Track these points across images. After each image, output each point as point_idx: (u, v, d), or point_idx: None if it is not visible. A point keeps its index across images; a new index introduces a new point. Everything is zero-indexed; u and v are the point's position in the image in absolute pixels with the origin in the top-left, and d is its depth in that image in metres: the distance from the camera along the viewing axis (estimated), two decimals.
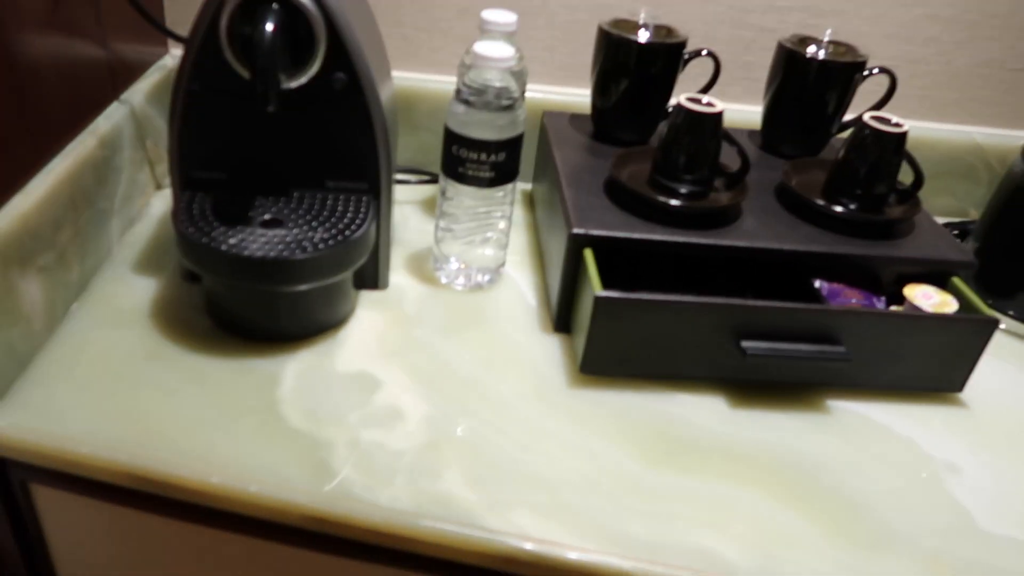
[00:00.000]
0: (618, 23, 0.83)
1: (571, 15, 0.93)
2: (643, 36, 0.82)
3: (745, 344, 0.65)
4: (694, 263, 0.72)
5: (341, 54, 0.64)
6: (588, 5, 0.93)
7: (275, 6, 0.61)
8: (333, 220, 0.67)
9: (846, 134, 0.82)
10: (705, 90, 0.87)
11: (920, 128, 1.02)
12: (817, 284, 0.72)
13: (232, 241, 0.63)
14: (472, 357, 0.70)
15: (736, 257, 0.71)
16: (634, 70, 0.83)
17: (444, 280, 0.79)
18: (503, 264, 0.81)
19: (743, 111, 0.98)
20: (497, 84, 0.70)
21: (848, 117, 0.88)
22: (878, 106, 0.87)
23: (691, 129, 0.72)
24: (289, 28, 0.62)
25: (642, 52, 0.82)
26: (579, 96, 0.95)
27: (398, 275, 0.80)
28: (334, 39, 0.63)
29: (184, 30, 0.86)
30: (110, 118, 0.77)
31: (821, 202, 0.74)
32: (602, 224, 0.70)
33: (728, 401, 0.68)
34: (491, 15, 0.79)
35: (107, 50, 0.77)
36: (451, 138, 0.71)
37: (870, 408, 0.69)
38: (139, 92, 0.83)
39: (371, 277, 0.76)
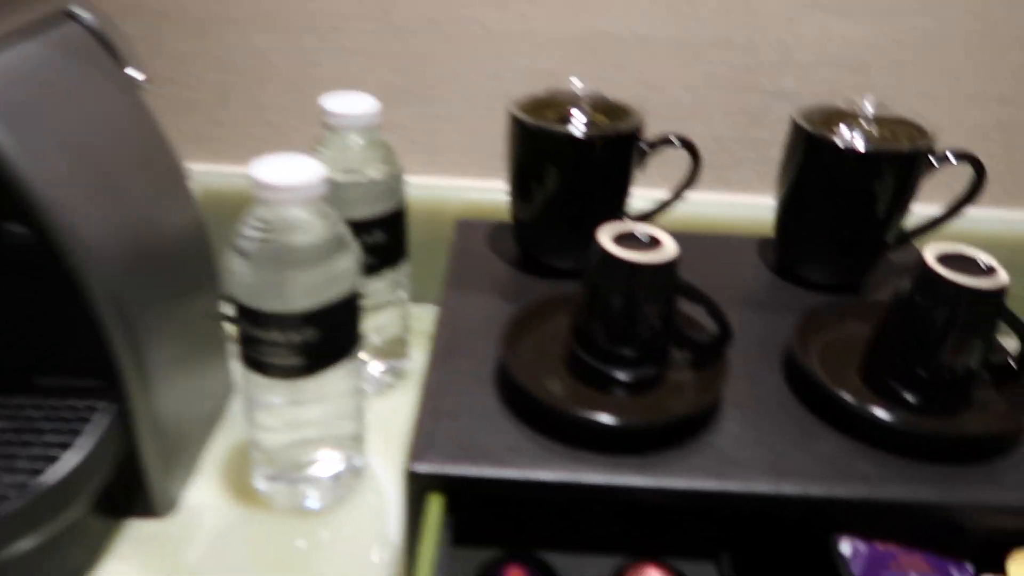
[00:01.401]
0: (539, 105, 0.56)
1: (495, 86, 0.66)
2: (578, 124, 0.54)
3: None
4: (639, 506, 0.43)
5: (13, 197, 0.39)
6: (518, 72, 0.66)
7: None
8: (29, 446, 0.42)
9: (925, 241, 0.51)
10: (678, 194, 0.58)
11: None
12: (845, 548, 0.41)
13: None
14: None
15: (702, 507, 0.42)
16: (565, 173, 0.55)
17: (265, 495, 0.53)
18: (356, 467, 0.54)
19: (754, 205, 0.69)
20: (297, 224, 0.43)
21: (913, 223, 0.57)
22: (957, 208, 0.56)
23: (620, 286, 0.43)
24: None
25: (576, 148, 0.54)
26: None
27: (204, 483, 0.54)
28: None
29: None
30: None
31: (855, 400, 0.44)
32: (468, 449, 0.42)
33: None
34: (336, 104, 0.53)
35: None
36: (238, 310, 0.45)
37: None
38: None
39: (141, 501, 0.50)
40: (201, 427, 0.56)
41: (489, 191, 0.69)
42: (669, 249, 0.43)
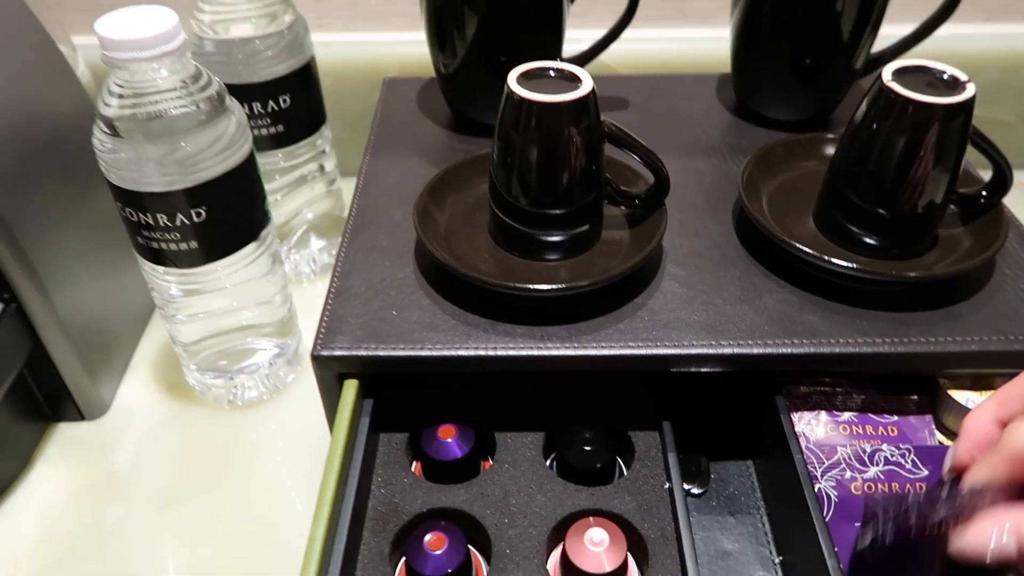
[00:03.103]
0: None
1: None
2: None
3: None
4: (570, 378, 0.40)
5: None
6: None
7: None
8: None
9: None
10: (616, 32, 0.51)
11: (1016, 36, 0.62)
12: (797, 420, 0.38)
13: None
14: (199, 558, 0.42)
15: (634, 375, 0.39)
16: (482, 14, 0.48)
17: (199, 390, 0.50)
18: (289, 353, 0.51)
19: (717, 39, 0.62)
20: (161, 86, 0.38)
21: (879, 44, 0.51)
22: (933, 24, 0.49)
23: (530, 131, 0.38)
24: None
25: None
26: None
27: (137, 382, 0.51)
28: None
29: None
30: None
31: (805, 247, 0.39)
32: (378, 330, 0.38)
33: None
34: None
35: None
36: (115, 193, 0.41)
37: None
38: None
39: (67, 404, 0.48)
40: (129, 323, 0.53)
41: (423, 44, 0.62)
42: (585, 86, 0.37)
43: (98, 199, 0.48)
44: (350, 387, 0.38)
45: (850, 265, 0.38)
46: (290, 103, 0.50)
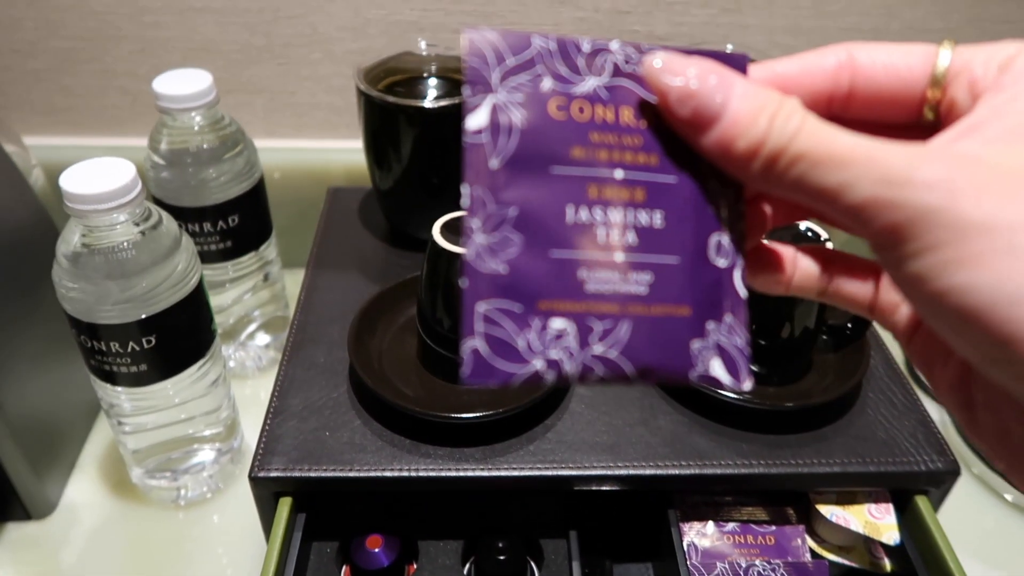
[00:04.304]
0: (386, 71, 0.53)
1: (357, 39, 0.63)
2: (430, 93, 0.51)
3: None
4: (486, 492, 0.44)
5: None
6: (379, 24, 0.62)
7: None
8: None
9: None
10: None
11: None
12: (688, 529, 0.43)
13: None
14: None
15: (544, 491, 0.43)
16: (417, 144, 0.53)
17: (143, 490, 0.53)
18: (235, 449, 0.54)
19: None
20: (118, 233, 0.42)
21: None
22: None
23: (450, 275, 0.43)
24: None
25: (424, 120, 0.52)
26: None
27: (84, 480, 0.54)
28: None
29: None
30: None
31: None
32: (312, 451, 0.42)
33: None
34: (167, 85, 0.50)
35: None
36: (72, 322, 0.44)
37: None
38: None
39: (14, 505, 0.50)
40: (77, 422, 0.56)
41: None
42: None
43: (49, 301, 0.51)
44: (284, 504, 0.42)
45: (731, 396, 0.44)
46: (239, 221, 0.54)
